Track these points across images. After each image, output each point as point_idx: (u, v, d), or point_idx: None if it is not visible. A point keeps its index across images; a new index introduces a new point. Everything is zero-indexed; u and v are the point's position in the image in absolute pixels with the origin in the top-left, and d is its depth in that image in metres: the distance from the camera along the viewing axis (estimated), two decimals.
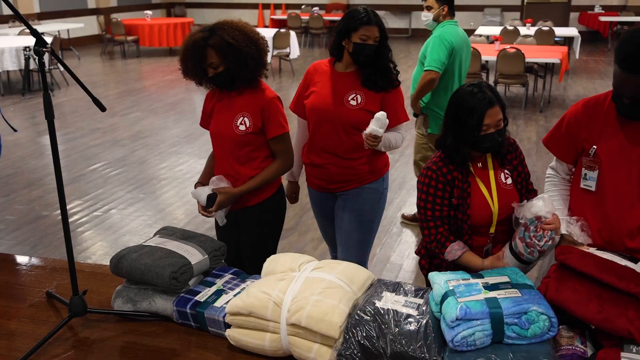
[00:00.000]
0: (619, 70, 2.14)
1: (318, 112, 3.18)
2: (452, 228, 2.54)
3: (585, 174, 2.40)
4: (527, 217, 2.41)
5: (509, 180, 2.55)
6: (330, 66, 3.23)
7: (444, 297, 2.03)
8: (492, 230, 2.53)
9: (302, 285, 2.18)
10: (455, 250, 2.50)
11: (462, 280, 2.12)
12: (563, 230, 2.43)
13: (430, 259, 2.71)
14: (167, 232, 2.68)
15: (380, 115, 2.91)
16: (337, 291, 2.15)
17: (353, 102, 3.10)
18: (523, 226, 2.39)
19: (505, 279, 2.12)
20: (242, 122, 2.90)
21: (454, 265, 2.52)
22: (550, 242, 2.32)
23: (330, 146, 3.18)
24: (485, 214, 2.50)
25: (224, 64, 2.81)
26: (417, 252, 2.82)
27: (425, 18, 4.79)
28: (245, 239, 3.13)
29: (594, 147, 2.35)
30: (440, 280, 2.13)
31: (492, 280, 2.11)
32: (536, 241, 2.32)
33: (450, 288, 2.06)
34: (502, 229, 2.56)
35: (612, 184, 2.34)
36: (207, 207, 2.92)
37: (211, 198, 2.91)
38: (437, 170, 2.49)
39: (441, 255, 2.53)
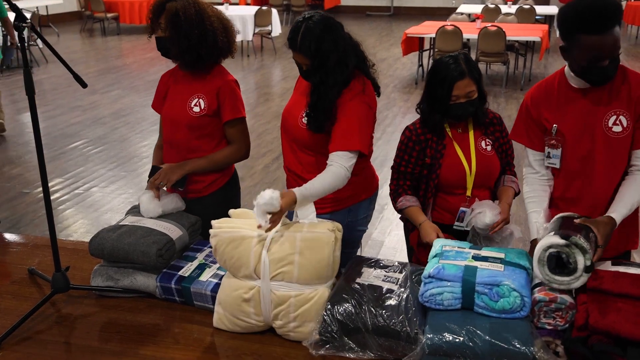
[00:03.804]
0: (586, 36, 2.11)
1: (282, 120, 2.80)
2: (421, 186, 2.65)
3: (549, 153, 2.42)
4: (479, 228, 2.49)
5: (489, 148, 2.64)
6: None
7: (433, 258, 2.13)
8: (468, 193, 2.61)
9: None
10: (404, 201, 2.65)
11: (458, 247, 2.18)
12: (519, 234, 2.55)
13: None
14: (139, 210, 2.65)
15: (265, 197, 2.12)
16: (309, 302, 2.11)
17: (305, 120, 2.60)
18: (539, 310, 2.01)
19: (501, 255, 2.11)
20: (197, 104, 2.77)
21: None
22: (567, 325, 1.97)
23: (289, 161, 2.79)
24: (457, 175, 2.59)
25: (167, 32, 2.67)
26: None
27: None
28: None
29: (555, 125, 2.37)
30: (438, 244, 2.24)
31: (485, 253, 2.13)
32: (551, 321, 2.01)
33: (441, 251, 2.15)
34: (482, 194, 2.63)
35: (577, 159, 2.36)
36: (149, 177, 2.73)
37: (154, 170, 2.75)
38: (413, 131, 2.65)
39: (394, 205, 2.71)
